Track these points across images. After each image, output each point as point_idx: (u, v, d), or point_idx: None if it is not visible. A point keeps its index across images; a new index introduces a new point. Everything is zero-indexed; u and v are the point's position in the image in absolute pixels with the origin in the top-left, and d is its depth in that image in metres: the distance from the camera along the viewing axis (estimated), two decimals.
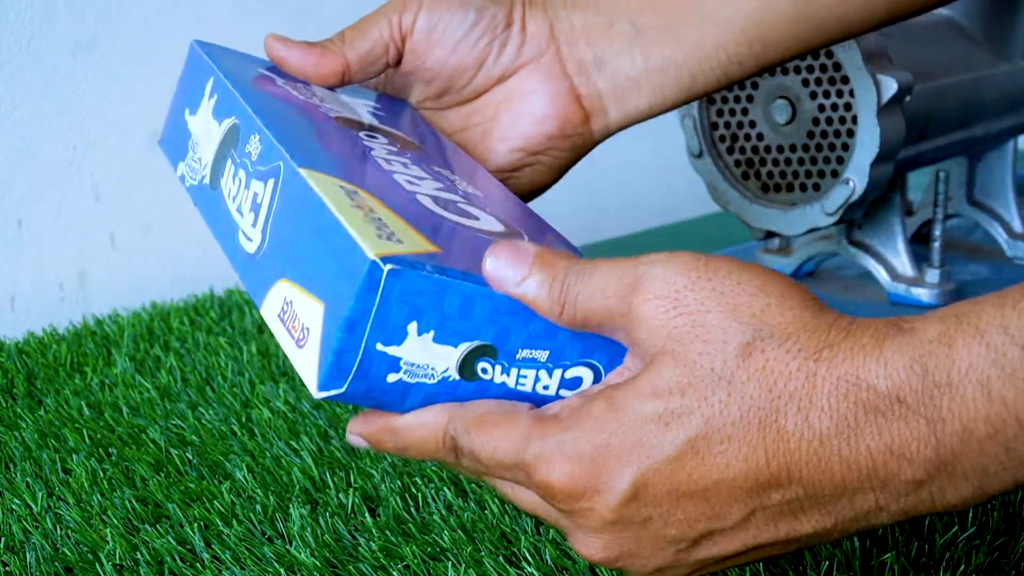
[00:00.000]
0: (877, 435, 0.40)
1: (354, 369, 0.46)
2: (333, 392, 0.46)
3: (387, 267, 0.44)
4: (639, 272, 0.45)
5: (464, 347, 0.47)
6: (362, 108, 0.65)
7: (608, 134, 0.67)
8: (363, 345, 0.45)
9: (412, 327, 0.46)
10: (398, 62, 0.65)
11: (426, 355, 0.47)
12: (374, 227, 0.46)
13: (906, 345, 0.41)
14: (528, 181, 0.67)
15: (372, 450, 0.50)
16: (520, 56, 0.65)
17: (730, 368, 0.42)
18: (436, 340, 0.46)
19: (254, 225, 0.53)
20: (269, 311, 0.50)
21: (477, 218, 0.53)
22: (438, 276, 0.45)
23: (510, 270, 0.46)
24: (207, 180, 0.60)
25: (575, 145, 0.66)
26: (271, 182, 0.53)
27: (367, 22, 0.65)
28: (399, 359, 0.46)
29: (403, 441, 0.48)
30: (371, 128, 0.62)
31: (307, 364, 0.46)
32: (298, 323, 0.47)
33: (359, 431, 0.49)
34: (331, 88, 0.65)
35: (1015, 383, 0.39)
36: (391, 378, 0.46)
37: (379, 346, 0.45)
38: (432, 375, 0.47)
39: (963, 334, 0.40)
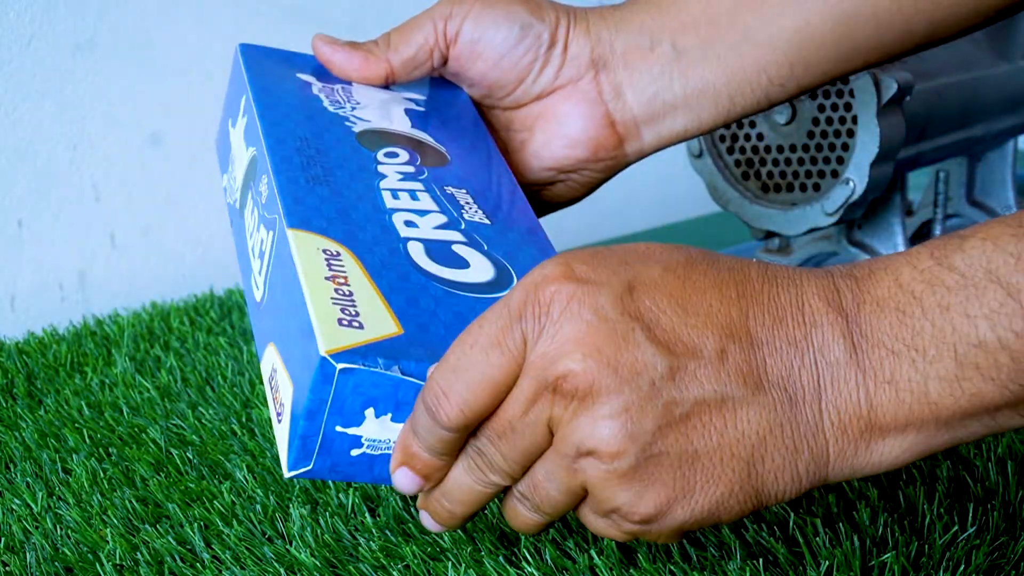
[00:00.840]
0: (815, 290, 0.47)
1: (317, 449, 0.48)
2: (302, 470, 0.48)
3: (339, 366, 0.46)
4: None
5: None
6: (401, 106, 0.65)
7: (642, 156, 0.67)
8: (323, 428, 0.48)
9: (369, 412, 0.48)
10: (443, 63, 0.65)
11: (385, 432, 0.49)
12: (339, 308, 0.48)
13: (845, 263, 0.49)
14: (561, 194, 0.68)
15: (419, 471, 0.49)
16: (559, 78, 0.65)
17: (709, 254, 0.49)
18: (394, 420, 0.48)
19: (260, 272, 0.55)
20: (264, 370, 0.52)
21: (467, 265, 0.54)
22: (390, 374, 0.47)
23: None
24: (237, 204, 0.61)
25: (608, 167, 0.67)
26: (271, 235, 0.54)
27: (412, 27, 0.65)
28: (359, 437, 0.48)
29: (410, 420, 0.48)
30: (397, 139, 0.61)
31: (282, 439, 0.49)
32: (278, 396, 0.50)
33: (394, 466, 0.49)
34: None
35: (923, 277, 0.45)
36: (355, 452, 0.49)
37: (338, 428, 0.48)
38: (394, 446, 0.49)
39: (892, 256, 0.47)
